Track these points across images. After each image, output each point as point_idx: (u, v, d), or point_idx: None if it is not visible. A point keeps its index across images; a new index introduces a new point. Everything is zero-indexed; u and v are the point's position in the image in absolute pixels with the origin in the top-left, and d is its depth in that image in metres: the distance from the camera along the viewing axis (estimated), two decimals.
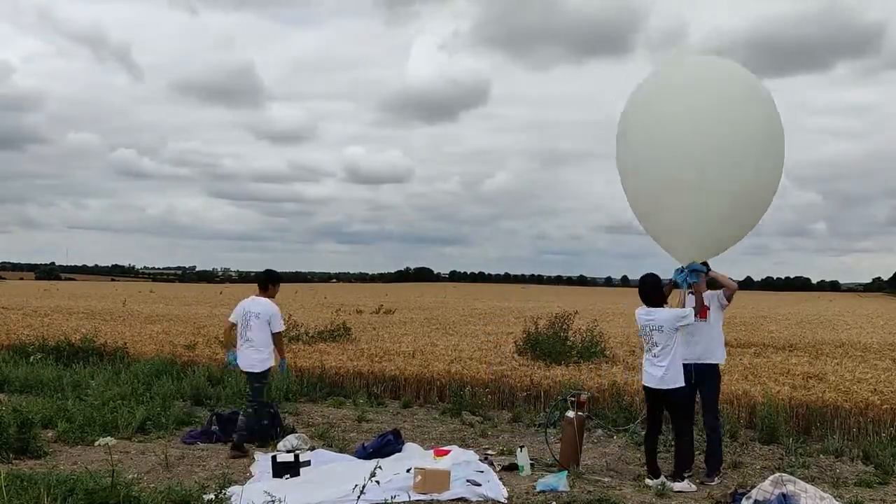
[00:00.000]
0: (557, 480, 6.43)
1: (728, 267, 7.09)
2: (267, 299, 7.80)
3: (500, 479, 6.54)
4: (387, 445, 7.43)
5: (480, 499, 6.03)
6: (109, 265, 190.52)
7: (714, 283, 7.02)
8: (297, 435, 8.02)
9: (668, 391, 6.64)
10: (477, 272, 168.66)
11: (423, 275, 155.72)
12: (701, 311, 6.76)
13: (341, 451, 7.64)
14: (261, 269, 9.73)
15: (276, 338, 7.74)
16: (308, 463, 6.82)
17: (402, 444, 7.61)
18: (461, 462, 6.95)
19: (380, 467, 6.81)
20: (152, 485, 5.93)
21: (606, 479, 6.76)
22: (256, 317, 7.62)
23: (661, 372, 6.62)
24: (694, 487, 6.56)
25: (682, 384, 6.64)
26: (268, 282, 7.99)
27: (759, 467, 7.40)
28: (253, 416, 7.66)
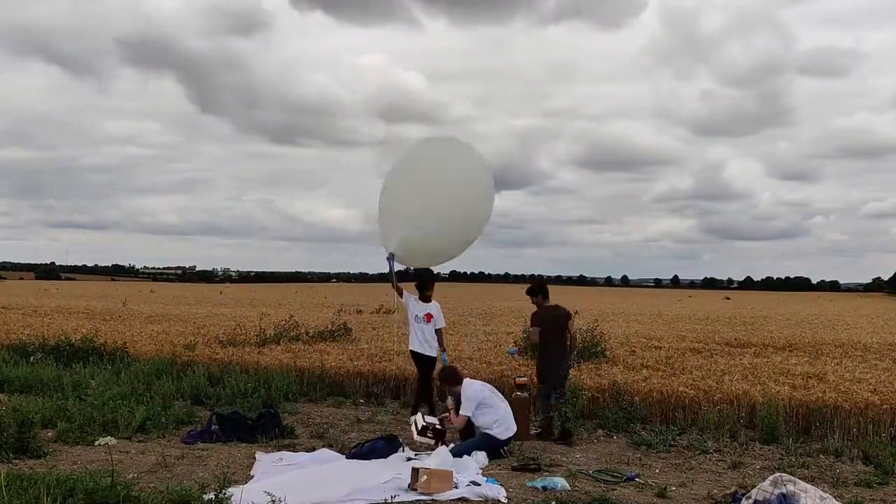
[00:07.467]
0: (557, 480, 6.43)
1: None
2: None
3: (496, 481, 6.53)
4: (387, 446, 7.42)
5: (481, 499, 6.03)
6: (109, 265, 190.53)
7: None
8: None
9: None
10: (477, 272, 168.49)
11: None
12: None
13: (341, 451, 7.63)
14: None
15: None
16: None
17: (401, 445, 7.61)
18: (464, 462, 6.97)
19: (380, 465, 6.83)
20: (152, 484, 5.93)
21: (606, 479, 6.76)
22: None
23: None
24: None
25: None
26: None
27: (759, 467, 7.40)
28: None
